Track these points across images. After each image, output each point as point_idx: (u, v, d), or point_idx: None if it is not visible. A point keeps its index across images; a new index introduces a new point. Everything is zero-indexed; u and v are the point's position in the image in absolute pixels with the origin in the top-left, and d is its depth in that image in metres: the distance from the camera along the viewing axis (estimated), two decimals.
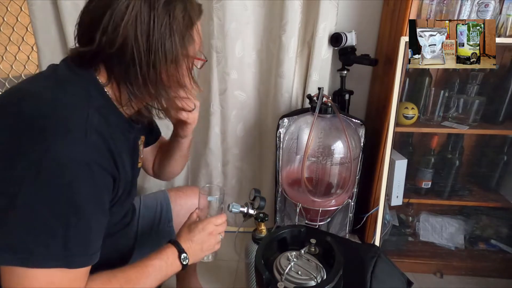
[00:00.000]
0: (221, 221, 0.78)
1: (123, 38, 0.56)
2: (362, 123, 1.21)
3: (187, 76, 0.65)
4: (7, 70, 1.89)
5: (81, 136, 0.53)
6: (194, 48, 0.65)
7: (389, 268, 0.80)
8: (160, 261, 0.68)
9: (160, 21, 0.57)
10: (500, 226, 1.44)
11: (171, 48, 0.59)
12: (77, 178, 0.52)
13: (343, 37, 1.23)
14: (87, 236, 0.56)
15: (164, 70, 0.60)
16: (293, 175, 1.24)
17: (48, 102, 0.54)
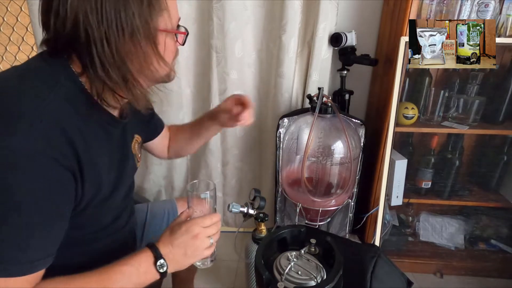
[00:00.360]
0: (210, 222, 0.67)
1: (73, 14, 0.50)
2: (362, 123, 1.21)
3: (154, 54, 0.56)
4: None
5: (27, 125, 0.47)
6: (164, 20, 0.57)
7: (389, 268, 0.80)
8: (130, 268, 0.58)
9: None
10: (500, 226, 1.44)
11: (126, 19, 0.51)
12: (16, 171, 0.46)
13: (343, 37, 1.23)
14: (25, 240, 0.48)
15: (122, 47, 0.53)
16: (293, 175, 1.24)
17: (4, 91, 0.50)
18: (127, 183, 0.71)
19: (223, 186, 1.60)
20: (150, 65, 0.57)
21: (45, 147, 0.48)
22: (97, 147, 0.58)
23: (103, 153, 0.61)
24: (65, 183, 0.52)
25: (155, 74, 0.59)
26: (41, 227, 0.50)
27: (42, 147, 0.48)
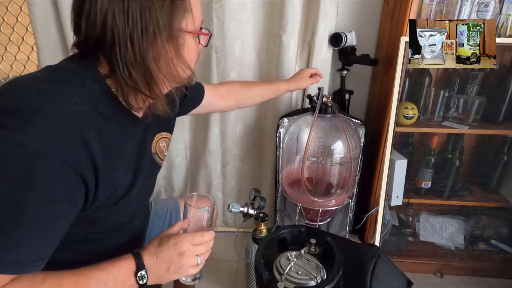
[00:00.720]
0: (200, 240, 0.63)
1: (103, 17, 0.51)
2: (362, 123, 1.21)
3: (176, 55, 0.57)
4: (7, 70, 1.89)
5: (43, 128, 0.47)
6: (188, 21, 0.57)
7: (389, 268, 0.80)
8: (107, 274, 0.56)
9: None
10: (500, 226, 1.44)
11: (151, 19, 0.52)
12: (23, 171, 0.46)
13: (343, 37, 1.23)
14: (13, 237, 0.48)
15: (144, 48, 0.53)
16: (293, 175, 1.24)
17: (27, 93, 0.51)
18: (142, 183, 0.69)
19: (222, 186, 1.60)
20: (173, 66, 0.58)
21: (59, 150, 0.48)
22: (116, 150, 0.59)
23: (122, 155, 0.61)
24: (73, 189, 0.52)
25: (176, 76, 0.60)
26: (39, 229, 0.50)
27: (56, 149, 0.48)
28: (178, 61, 0.58)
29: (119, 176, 0.61)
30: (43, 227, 0.50)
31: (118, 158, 0.59)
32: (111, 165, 0.57)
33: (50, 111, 0.49)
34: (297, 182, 1.19)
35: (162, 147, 0.78)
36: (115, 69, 0.54)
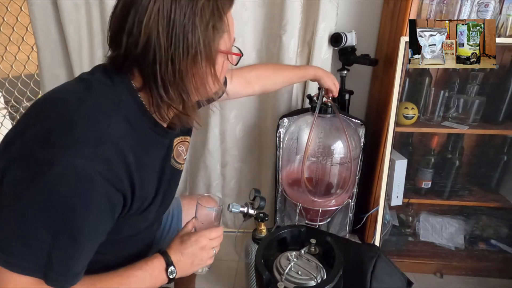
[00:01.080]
0: (216, 235, 0.73)
1: (146, 37, 0.53)
2: (362, 123, 1.21)
3: (211, 74, 0.59)
4: (7, 70, 1.89)
5: (91, 149, 0.50)
6: (225, 42, 0.60)
7: (389, 268, 0.80)
8: (144, 273, 0.64)
9: (182, 13, 0.53)
10: (500, 226, 1.44)
11: (193, 41, 0.54)
12: (78, 193, 0.50)
13: (343, 37, 1.23)
14: (73, 255, 0.53)
15: (185, 68, 0.55)
16: (293, 175, 1.24)
17: (70, 111, 0.53)
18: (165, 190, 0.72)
19: (222, 187, 1.60)
20: (206, 84, 0.60)
21: (107, 171, 0.51)
22: (147, 162, 0.61)
23: (151, 167, 0.64)
24: (115, 204, 0.56)
25: (208, 92, 0.62)
26: (87, 245, 0.55)
27: (104, 171, 0.51)
28: (211, 79, 0.60)
29: (149, 187, 0.64)
30: (91, 243, 0.56)
31: (147, 171, 0.62)
32: (143, 178, 0.60)
33: (96, 133, 0.52)
34: (297, 182, 1.19)
35: (180, 151, 0.78)
36: (151, 85, 0.56)
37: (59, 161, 0.48)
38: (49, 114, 0.54)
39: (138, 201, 0.61)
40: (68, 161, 0.49)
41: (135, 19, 0.53)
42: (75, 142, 0.50)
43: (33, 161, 0.50)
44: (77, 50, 1.33)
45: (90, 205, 0.51)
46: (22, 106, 1.96)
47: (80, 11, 1.28)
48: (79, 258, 0.54)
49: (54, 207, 0.49)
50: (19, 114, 1.98)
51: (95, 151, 0.51)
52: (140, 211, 0.64)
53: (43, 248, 0.50)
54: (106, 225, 0.57)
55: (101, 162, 0.51)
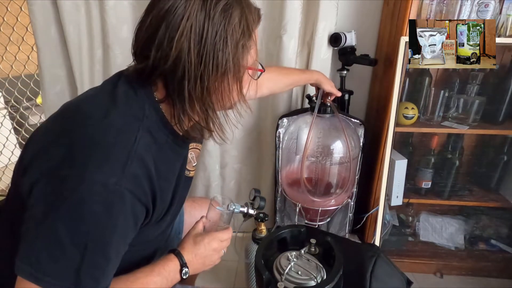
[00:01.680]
0: (227, 237, 0.76)
1: (177, 52, 0.53)
2: (361, 123, 1.21)
3: (237, 90, 0.60)
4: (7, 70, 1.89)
5: (121, 166, 0.52)
6: (251, 57, 0.61)
7: (389, 268, 0.80)
8: (162, 278, 0.66)
9: (214, 31, 0.53)
10: (500, 226, 1.44)
11: (223, 59, 0.55)
12: (107, 210, 0.51)
13: (343, 37, 1.23)
14: (102, 270, 0.54)
15: (213, 84, 0.56)
16: (292, 175, 1.24)
17: (98, 126, 0.54)
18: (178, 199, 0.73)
19: (221, 188, 1.60)
20: (231, 99, 0.61)
21: (133, 186, 0.53)
22: (166, 173, 0.62)
23: (169, 177, 0.65)
24: (139, 218, 0.57)
25: (232, 106, 0.64)
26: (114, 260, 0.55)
27: (131, 187, 0.52)
28: (236, 93, 0.61)
29: (167, 197, 0.65)
30: (118, 256, 0.57)
31: (167, 181, 0.63)
32: (162, 189, 0.61)
33: (123, 149, 0.53)
34: (296, 182, 1.19)
35: (190, 158, 0.79)
36: (175, 99, 0.57)
37: (90, 179, 0.49)
38: (75, 129, 0.54)
39: (157, 212, 0.62)
40: (98, 178, 0.50)
41: (166, 34, 0.53)
42: (104, 159, 0.51)
43: (63, 177, 0.50)
44: (77, 50, 1.33)
45: (118, 221, 0.52)
46: (22, 106, 1.96)
47: (80, 11, 1.28)
48: (108, 272, 0.55)
49: (84, 224, 0.50)
50: (19, 114, 1.98)
51: (123, 168, 0.52)
52: (157, 221, 0.65)
53: (72, 264, 0.50)
54: (130, 237, 0.58)
55: (130, 179, 0.52)
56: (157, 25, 0.54)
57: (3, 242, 0.61)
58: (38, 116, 2.01)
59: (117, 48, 1.32)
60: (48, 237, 0.50)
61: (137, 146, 0.54)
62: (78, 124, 0.55)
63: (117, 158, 0.52)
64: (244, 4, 0.57)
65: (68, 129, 0.55)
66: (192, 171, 0.80)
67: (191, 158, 0.79)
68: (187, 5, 0.52)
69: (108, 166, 0.51)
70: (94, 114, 0.56)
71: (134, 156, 0.53)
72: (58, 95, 1.45)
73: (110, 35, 1.29)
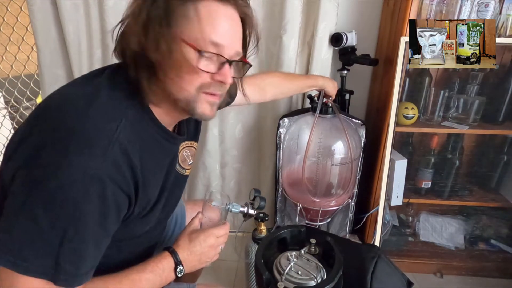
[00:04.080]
0: (223, 232, 0.75)
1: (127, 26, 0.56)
2: (363, 123, 1.21)
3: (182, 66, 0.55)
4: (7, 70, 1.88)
5: (102, 152, 0.51)
6: (190, 33, 0.54)
7: (389, 268, 0.80)
8: (154, 275, 0.65)
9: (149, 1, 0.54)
10: (500, 226, 1.44)
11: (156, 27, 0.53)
12: (87, 195, 0.50)
13: (344, 37, 1.23)
14: (81, 256, 0.54)
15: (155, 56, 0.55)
16: (293, 175, 1.24)
17: (80, 115, 0.53)
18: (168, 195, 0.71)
19: (221, 188, 1.60)
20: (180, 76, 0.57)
21: (114, 173, 0.52)
22: (152, 167, 0.61)
23: (155, 171, 0.64)
24: (121, 207, 0.56)
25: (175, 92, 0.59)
26: (95, 246, 0.55)
27: (111, 173, 0.52)
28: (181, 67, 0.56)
29: (152, 192, 0.64)
30: (98, 244, 0.56)
31: (152, 174, 0.62)
32: (147, 182, 0.60)
33: (105, 135, 0.52)
34: (297, 182, 1.19)
35: (185, 156, 0.78)
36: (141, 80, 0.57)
37: (69, 164, 0.49)
38: (58, 117, 0.54)
39: (140, 205, 0.61)
40: (78, 164, 0.49)
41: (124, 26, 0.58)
42: (85, 145, 0.51)
43: (42, 163, 0.50)
44: (77, 50, 1.33)
45: (98, 207, 0.52)
46: (22, 106, 1.96)
47: (79, 11, 1.28)
48: (87, 258, 0.55)
49: (62, 209, 0.50)
50: (19, 114, 1.98)
51: (104, 154, 0.51)
52: (142, 215, 0.64)
53: (51, 250, 0.50)
54: (112, 226, 0.57)
55: (110, 165, 0.52)
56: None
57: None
58: None
59: None
60: (27, 223, 0.50)
61: (119, 135, 0.53)
62: (61, 112, 0.55)
63: (97, 145, 0.51)
64: None
65: (51, 117, 0.55)
66: (188, 170, 0.79)
67: (186, 157, 0.78)
68: None
69: (88, 153, 0.50)
70: (77, 103, 0.55)
71: (115, 143, 0.53)
72: None
73: (109, 35, 1.29)
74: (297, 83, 1.11)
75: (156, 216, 0.70)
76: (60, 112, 0.55)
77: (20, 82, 1.88)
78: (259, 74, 1.07)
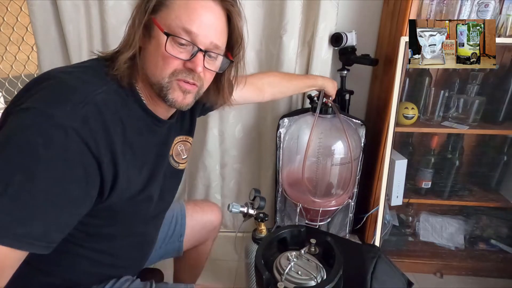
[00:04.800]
0: None
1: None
2: (363, 123, 1.21)
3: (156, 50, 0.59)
4: (7, 70, 1.89)
5: (72, 107, 0.51)
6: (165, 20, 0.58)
7: (389, 268, 0.80)
8: None
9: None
10: (500, 226, 1.44)
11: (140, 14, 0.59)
12: (47, 139, 0.47)
13: (344, 37, 1.23)
14: (30, 212, 0.47)
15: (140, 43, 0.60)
16: (293, 175, 1.24)
17: (69, 77, 0.56)
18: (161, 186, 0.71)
19: (221, 188, 1.60)
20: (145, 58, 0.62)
21: (81, 128, 0.50)
22: (135, 144, 0.61)
23: (143, 151, 0.64)
24: (87, 170, 0.52)
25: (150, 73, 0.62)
26: (46, 205, 0.48)
27: (78, 126, 0.50)
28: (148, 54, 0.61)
29: (138, 173, 0.63)
30: (55, 204, 0.49)
31: (137, 153, 0.62)
32: (129, 158, 0.60)
33: (81, 93, 0.53)
34: (297, 182, 1.19)
35: (179, 150, 0.78)
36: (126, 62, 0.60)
37: (38, 110, 0.49)
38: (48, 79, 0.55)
39: (123, 182, 0.58)
40: (45, 111, 0.49)
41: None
42: (59, 97, 0.51)
43: (17, 111, 0.50)
44: (77, 50, 1.33)
45: (57, 157, 0.48)
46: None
47: (80, 11, 1.28)
48: (38, 217, 0.48)
49: (18, 152, 0.46)
50: None
51: (74, 108, 0.51)
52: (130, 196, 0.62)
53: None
54: (78, 192, 0.51)
55: (78, 120, 0.50)
56: None
57: None
58: None
59: None
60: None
61: (98, 97, 0.54)
62: (51, 77, 0.56)
63: (71, 99, 0.52)
64: None
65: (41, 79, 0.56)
66: (182, 164, 0.79)
67: (180, 151, 0.78)
68: None
69: (59, 104, 0.50)
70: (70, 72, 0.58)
71: (90, 102, 0.53)
72: None
73: (109, 35, 1.29)
74: (296, 83, 1.11)
75: (152, 207, 0.69)
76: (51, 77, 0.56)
77: (20, 82, 1.88)
78: (257, 74, 1.08)
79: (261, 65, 1.37)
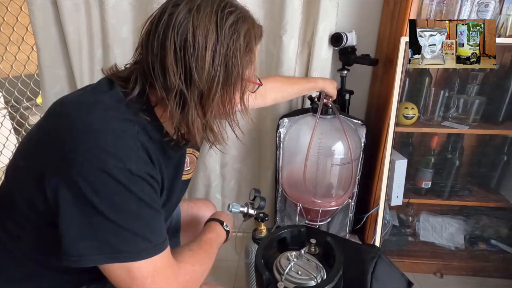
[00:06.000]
0: None
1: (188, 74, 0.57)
2: (363, 123, 1.21)
3: (241, 101, 0.65)
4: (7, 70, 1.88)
5: (135, 153, 0.56)
6: (251, 71, 0.64)
7: (389, 269, 0.80)
8: (214, 234, 0.80)
9: (224, 46, 0.57)
10: (500, 226, 1.44)
11: (232, 71, 0.59)
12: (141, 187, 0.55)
13: (344, 37, 1.23)
14: (159, 226, 0.59)
15: (217, 96, 0.60)
16: (293, 175, 1.24)
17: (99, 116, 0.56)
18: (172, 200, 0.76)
19: (221, 188, 1.60)
20: (232, 109, 0.66)
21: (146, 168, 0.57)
22: (162, 165, 0.65)
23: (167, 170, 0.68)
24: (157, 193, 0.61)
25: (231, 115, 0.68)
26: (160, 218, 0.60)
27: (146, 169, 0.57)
28: (241, 106, 0.67)
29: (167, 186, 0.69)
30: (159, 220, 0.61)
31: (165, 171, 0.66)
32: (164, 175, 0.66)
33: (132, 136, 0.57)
34: (297, 182, 1.19)
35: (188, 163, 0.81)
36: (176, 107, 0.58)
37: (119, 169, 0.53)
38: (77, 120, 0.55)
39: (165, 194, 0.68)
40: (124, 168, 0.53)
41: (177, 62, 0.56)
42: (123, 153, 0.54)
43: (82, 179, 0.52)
44: (77, 50, 1.33)
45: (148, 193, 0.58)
46: (22, 106, 1.96)
47: (80, 11, 1.28)
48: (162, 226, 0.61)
49: (130, 201, 0.55)
50: (19, 114, 1.98)
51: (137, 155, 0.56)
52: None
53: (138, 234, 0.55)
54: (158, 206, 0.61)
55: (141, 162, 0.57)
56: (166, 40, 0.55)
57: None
58: (38, 116, 2.01)
59: (117, 48, 1.32)
60: (110, 225, 0.53)
61: (139, 136, 0.58)
62: (79, 115, 0.56)
63: (123, 146, 0.55)
64: (249, 20, 0.63)
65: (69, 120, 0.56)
66: (185, 175, 0.81)
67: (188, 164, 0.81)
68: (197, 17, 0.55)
69: (128, 156, 0.54)
70: (94, 108, 0.57)
71: (140, 147, 0.57)
72: (58, 95, 1.42)
73: (110, 35, 1.29)
74: (297, 87, 1.12)
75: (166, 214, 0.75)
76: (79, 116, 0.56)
77: (20, 82, 1.88)
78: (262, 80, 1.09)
79: (261, 65, 1.37)
